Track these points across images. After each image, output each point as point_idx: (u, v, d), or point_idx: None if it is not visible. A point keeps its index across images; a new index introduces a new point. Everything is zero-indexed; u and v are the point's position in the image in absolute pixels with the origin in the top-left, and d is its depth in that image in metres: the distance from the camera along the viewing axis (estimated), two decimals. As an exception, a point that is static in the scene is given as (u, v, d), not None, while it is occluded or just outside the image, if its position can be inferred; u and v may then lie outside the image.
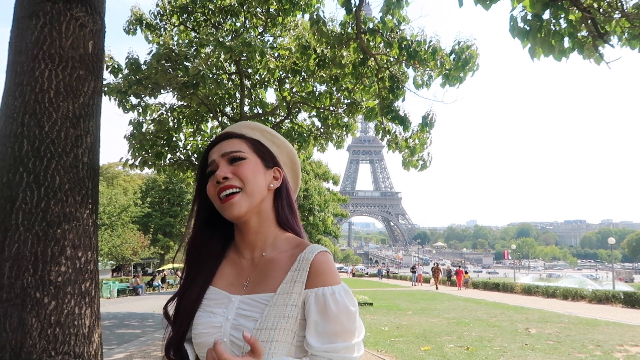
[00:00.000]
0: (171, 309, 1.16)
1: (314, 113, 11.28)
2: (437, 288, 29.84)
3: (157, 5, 10.73)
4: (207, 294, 1.13)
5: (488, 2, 4.18)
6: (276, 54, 9.96)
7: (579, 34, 4.79)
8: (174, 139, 11.09)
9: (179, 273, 1.24)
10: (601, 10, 4.71)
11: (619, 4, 4.59)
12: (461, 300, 20.15)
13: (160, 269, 38.58)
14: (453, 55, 7.29)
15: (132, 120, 10.36)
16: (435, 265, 33.15)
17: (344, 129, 11.03)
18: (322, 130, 11.48)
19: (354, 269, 79.60)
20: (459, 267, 35.24)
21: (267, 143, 1.20)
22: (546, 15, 4.49)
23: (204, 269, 1.16)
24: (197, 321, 1.09)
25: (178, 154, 11.40)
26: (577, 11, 4.54)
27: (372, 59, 7.33)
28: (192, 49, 9.50)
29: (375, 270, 71.52)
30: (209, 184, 1.11)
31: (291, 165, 1.26)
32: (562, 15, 4.63)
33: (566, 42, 4.78)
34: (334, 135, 11.39)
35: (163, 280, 33.77)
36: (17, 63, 2.52)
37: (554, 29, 4.56)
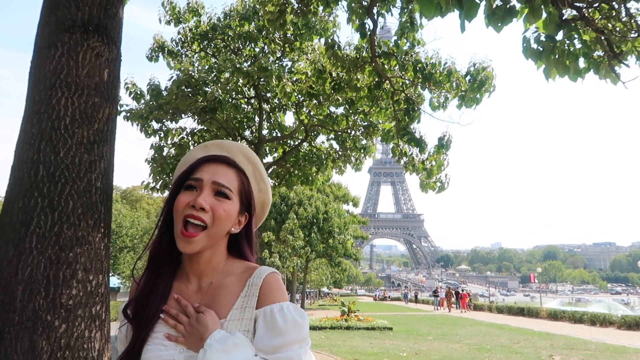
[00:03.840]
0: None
1: (331, 136, 11.36)
2: (449, 311, 32.46)
3: (179, 33, 11.05)
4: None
5: (499, 25, 4.19)
6: (294, 78, 10.11)
7: (594, 54, 4.75)
8: (194, 162, 11.26)
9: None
10: (617, 29, 4.68)
11: (635, 24, 4.55)
12: (484, 325, 19.64)
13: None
14: (468, 77, 7.30)
15: (154, 145, 10.58)
16: (448, 289, 38.09)
17: (362, 151, 11.05)
18: (340, 152, 11.53)
19: (385, 293, 74.82)
20: (463, 290, 39.90)
21: (253, 184, 1.20)
22: (559, 36, 4.47)
23: (159, 283, 1.13)
24: (146, 355, 1.06)
25: (198, 177, 11.55)
26: (591, 31, 4.52)
27: (387, 81, 7.38)
28: (212, 75, 9.73)
29: (397, 294, 69.88)
30: (183, 195, 1.09)
31: (260, 208, 1.25)
32: (576, 36, 4.61)
33: (581, 63, 4.74)
34: (352, 158, 11.41)
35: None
36: (36, 91, 2.62)
37: (568, 49, 4.54)
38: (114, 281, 31.59)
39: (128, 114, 9.58)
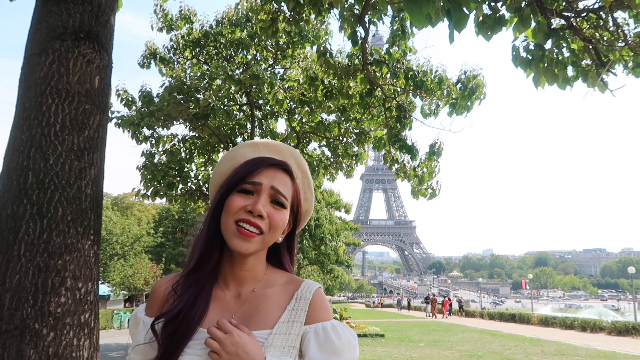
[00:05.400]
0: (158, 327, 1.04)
1: (323, 143, 11.39)
2: (434, 316, 34.51)
3: (171, 40, 11.06)
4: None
5: (489, 33, 4.24)
6: (286, 86, 10.14)
7: (582, 63, 4.82)
8: (186, 169, 11.24)
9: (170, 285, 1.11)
10: (605, 38, 4.75)
11: (622, 33, 4.62)
12: (476, 331, 19.68)
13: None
14: (459, 85, 7.36)
15: (145, 152, 10.54)
16: (433, 296, 41.55)
17: (354, 158, 11.09)
18: (331, 159, 11.56)
19: (382, 300, 74.70)
20: (445, 297, 42.25)
21: (301, 193, 1.15)
22: (548, 44, 4.53)
23: (203, 292, 1.07)
24: None
25: (189, 184, 11.52)
26: (579, 40, 4.58)
27: (379, 89, 7.42)
28: (204, 82, 9.73)
29: (389, 301, 69.60)
30: (239, 198, 1.04)
31: (305, 217, 1.22)
32: (565, 45, 4.67)
33: (570, 71, 4.80)
34: (343, 165, 11.45)
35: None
36: (26, 98, 2.60)
37: (556, 58, 4.59)
38: (104, 289, 31.26)
39: (119, 121, 9.54)
